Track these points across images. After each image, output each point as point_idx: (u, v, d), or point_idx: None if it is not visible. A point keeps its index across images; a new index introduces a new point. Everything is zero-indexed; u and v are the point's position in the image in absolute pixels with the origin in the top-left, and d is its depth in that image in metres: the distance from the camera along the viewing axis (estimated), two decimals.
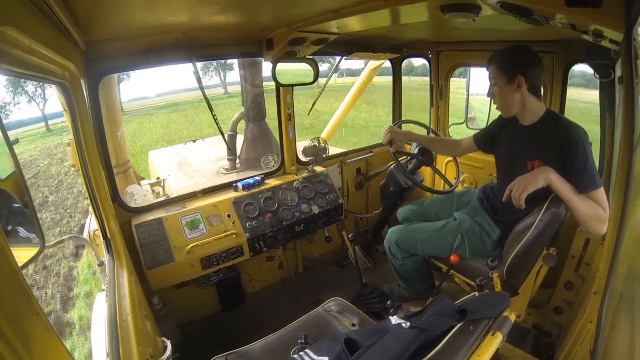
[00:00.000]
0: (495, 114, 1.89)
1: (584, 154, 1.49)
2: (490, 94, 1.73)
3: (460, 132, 3.14)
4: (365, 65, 4.22)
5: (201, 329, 2.36)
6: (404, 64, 3.18)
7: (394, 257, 2.11)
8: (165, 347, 1.33)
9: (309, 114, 3.26)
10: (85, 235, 2.12)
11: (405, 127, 2.63)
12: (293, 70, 2.77)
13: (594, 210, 1.46)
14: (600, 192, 1.47)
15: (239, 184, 2.38)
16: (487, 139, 2.02)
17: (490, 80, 1.70)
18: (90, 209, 1.62)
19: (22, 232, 1.03)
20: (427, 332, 0.86)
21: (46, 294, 4.82)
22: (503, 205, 1.68)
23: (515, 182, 1.54)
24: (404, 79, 3.42)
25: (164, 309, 2.04)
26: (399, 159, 2.37)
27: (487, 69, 1.70)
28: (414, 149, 2.55)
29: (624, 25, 0.89)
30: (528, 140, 1.69)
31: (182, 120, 21.15)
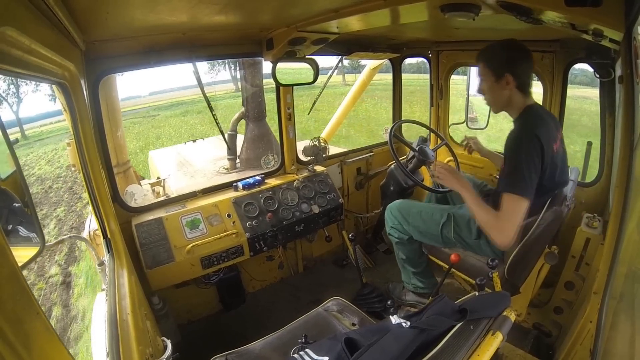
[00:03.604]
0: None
1: (513, 156, 1.53)
2: (480, 90, 1.73)
3: (461, 132, 3.14)
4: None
5: (201, 328, 2.37)
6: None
7: (386, 223, 2.18)
8: (165, 347, 1.33)
9: (309, 113, 3.26)
10: (85, 235, 2.12)
11: (405, 126, 2.63)
12: (293, 70, 2.76)
13: (488, 216, 1.55)
14: (507, 197, 1.49)
15: (239, 184, 2.37)
16: None
17: (479, 76, 1.69)
18: (91, 208, 1.62)
19: (23, 231, 1.03)
20: (427, 331, 0.86)
21: None
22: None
23: (442, 169, 1.75)
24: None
25: (164, 308, 2.05)
26: (400, 159, 2.38)
27: (477, 65, 1.69)
28: (414, 147, 2.55)
29: (624, 24, 0.89)
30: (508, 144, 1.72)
31: (209, 126, 13.48)
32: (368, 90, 4.45)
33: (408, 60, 3.26)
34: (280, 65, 2.21)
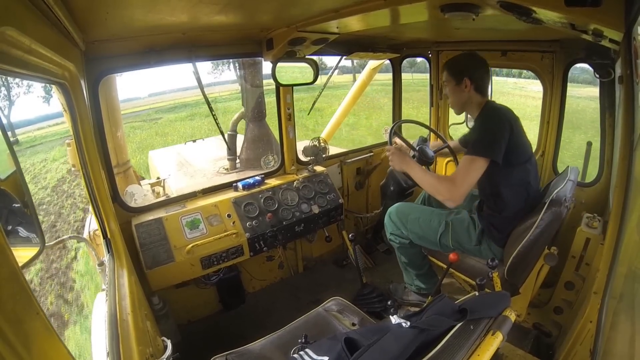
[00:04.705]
0: None
1: (483, 125, 1.75)
2: (445, 94, 1.95)
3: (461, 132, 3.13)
4: None
5: (201, 328, 2.37)
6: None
7: (386, 229, 2.20)
8: (165, 347, 1.33)
9: (309, 113, 3.26)
10: (85, 235, 2.12)
11: (405, 126, 2.62)
12: (293, 70, 2.76)
13: (437, 180, 1.75)
14: (467, 158, 1.64)
15: (239, 184, 2.37)
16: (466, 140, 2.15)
17: (444, 83, 1.91)
18: (91, 208, 1.62)
19: (22, 232, 1.03)
20: (427, 331, 0.85)
21: None
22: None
23: (394, 155, 1.85)
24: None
25: (164, 308, 2.05)
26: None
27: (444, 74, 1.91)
28: (415, 147, 2.55)
29: (624, 24, 0.89)
30: (472, 129, 1.98)
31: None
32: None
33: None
34: (280, 65, 2.21)
